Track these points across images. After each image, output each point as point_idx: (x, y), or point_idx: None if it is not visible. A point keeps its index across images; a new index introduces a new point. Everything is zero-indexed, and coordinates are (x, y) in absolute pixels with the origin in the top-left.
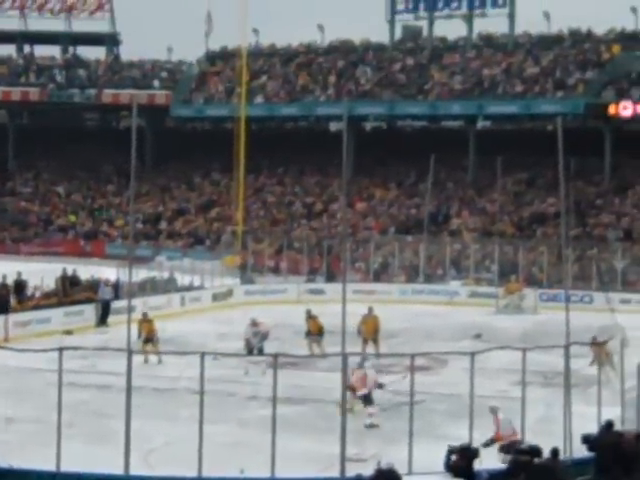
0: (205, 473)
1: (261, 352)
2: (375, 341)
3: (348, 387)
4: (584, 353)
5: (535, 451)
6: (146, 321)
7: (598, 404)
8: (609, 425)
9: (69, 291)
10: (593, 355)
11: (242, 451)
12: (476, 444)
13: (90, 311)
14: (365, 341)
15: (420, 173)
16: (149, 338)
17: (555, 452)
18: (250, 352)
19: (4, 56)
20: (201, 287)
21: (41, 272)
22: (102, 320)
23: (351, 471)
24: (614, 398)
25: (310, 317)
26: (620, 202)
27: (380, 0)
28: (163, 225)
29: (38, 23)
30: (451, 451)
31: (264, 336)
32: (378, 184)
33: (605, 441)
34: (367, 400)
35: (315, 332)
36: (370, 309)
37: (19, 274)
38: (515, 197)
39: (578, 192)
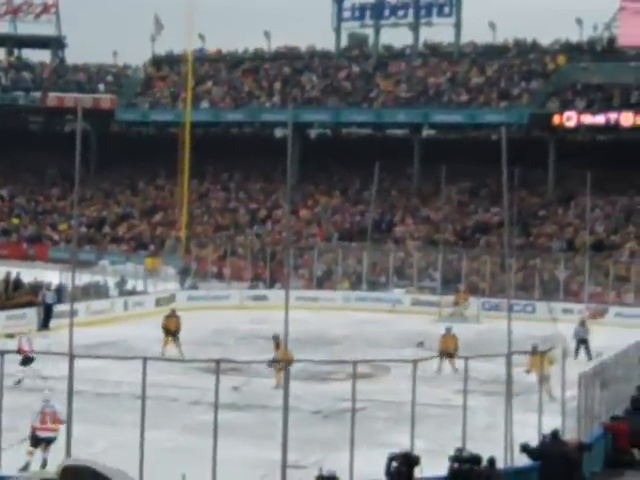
0: (146, 478)
1: None
2: (452, 357)
3: None
4: (526, 362)
5: (475, 459)
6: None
7: (539, 412)
8: (555, 434)
9: (11, 294)
10: (529, 363)
11: (184, 457)
12: (417, 452)
13: (32, 315)
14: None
15: (364, 181)
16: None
17: (492, 460)
18: None
19: None
20: (144, 292)
21: None
22: (44, 324)
23: (292, 478)
24: (555, 407)
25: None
26: (563, 212)
27: (326, 8)
28: (107, 229)
29: None
30: (392, 458)
31: None
32: (322, 191)
33: (551, 450)
34: None
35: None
36: (448, 329)
37: None
38: (459, 206)
39: (522, 202)
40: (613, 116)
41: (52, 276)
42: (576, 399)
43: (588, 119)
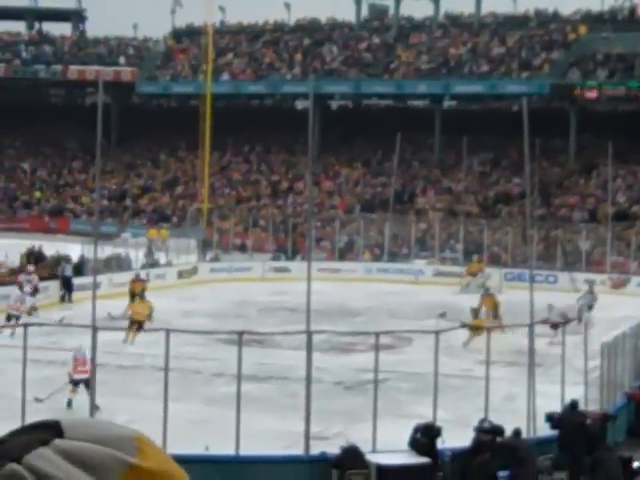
0: (170, 450)
1: None
2: (495, 316)
3: None
4: (548, 332)
5: (497, 430)
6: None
7: (562, 383)
8: (573, 405)
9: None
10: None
11: (207, 428)
12: (440, 422)
13: (55, 287)
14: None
15: (386, 152)
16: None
17: (517, 432)
18: None
19: None
20: (166, 264)
21: (6, 248)
22: (65, 297)
23: (315, 448)
24: (577, 377)
25: None
26: (585, 183)
27: None
28: (128, 202)
29: None
30: (417, 429)
31: None
32: (344, 163)
33: (569, 420)
34: None
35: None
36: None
37: None
38: (480, 177)
39: (543, 173)
40: (634, 86)
41: (74, 249)
42: (599, 369)
43: (609, 90)
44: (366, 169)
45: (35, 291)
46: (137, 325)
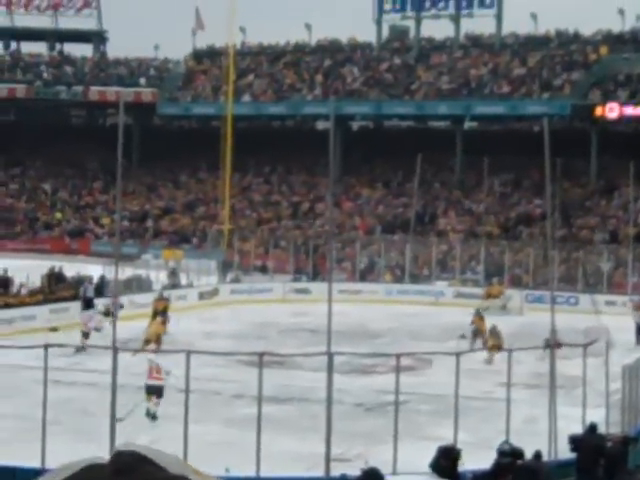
0: None
1: None
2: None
3: None
4: (569, 354)
5: (517, 453)
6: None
7: (583, 405)
8: (592, 427)
9: (54, 288)
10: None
11: (227, 450)
12: (461, 444)
13: (76, 308)
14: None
15: (407, 173)
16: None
17: (538, 454)
18: None
19: None
20: (187, 285)
21: (27, 269)
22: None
23: (336, 470)
24: (599, 400)
25: None
26: (606, 204)
27: (367, 0)
28: (149, 223)
29: (25, 20)
30: (439, 451)
31: None
32: (365, 183)
33: (588, 443)
34: None
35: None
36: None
37: (5, 271)
38: (501, 198)
39: (564, 193)
40: None
41: (95, 270)
42: (620, 392)
43: (630, 110)
44: (387, 190)
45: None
46: (145, 343)
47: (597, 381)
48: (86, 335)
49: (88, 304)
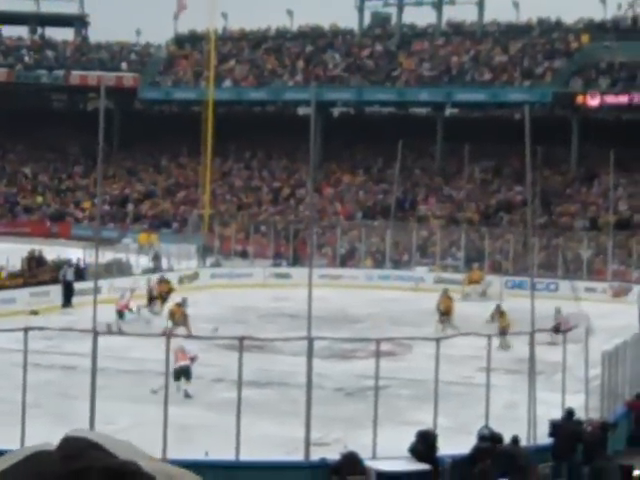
0: (170, 455)
1: None
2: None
3: None
4: (549, 340)
5: (497, 438)
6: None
7: (562, 391)
8: (569, 413)
9: (35, 272)
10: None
11: (207, 433)
12: (440, 429)
13: (56, 292)
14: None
15: (388, 159)
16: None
17: (515, 439)
18: None
19: None
20: (167, 269)
21: (7, 252)
22: (67, 301)
23: (315, 454)
24: (578, 386)
25: None
26: (586, 191)
27: None
28: (130, 207)
29: (6, 3)
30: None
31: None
32: (345, 170)
33: (565, 428)
34: None
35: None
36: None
37: None
38: (482, 185)
39: (545, 181)
40: (637, 95)
41: (75, 253)
42: (599, 378)
43: (611, 99)
44: (368, 176)
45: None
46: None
47: (577, 367)
48: (121, 315)
49: (68, 287)
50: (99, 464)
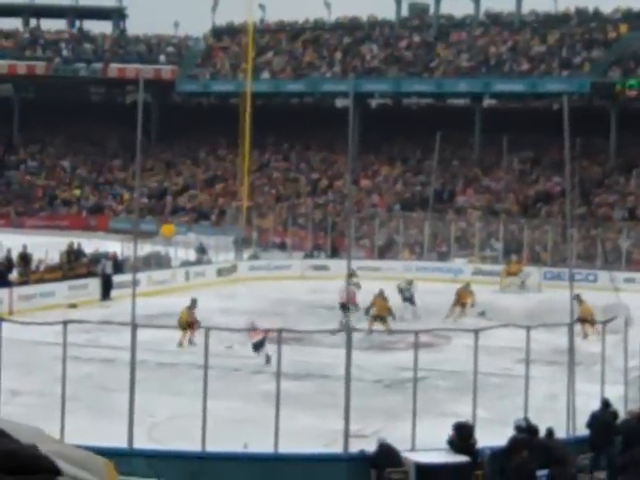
0: (209, 447)
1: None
2: (384, 320)
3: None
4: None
5: (533, 429)
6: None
7: (601, 382)
8: (605, 404)
9: (73, 265)
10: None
11: (246, 426)
12: (479, 421)
13: (94, 285)
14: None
15: (426, 151)
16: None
17: (550, 432)
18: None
19: (10, 30)
20: (206, 262)
21: (46, 245)
22: (105, 294)
23: (354, 447)
24: (617, 376)
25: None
26: (625, 181)
27: None
28: (168, 200)
29: None
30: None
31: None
32: (384, 161)
33: (599, 419)
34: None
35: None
36: (381, 291)
37: (24, 247)
38: (520, 176)
39: (583, 171)
40: None
41: (113, 246)
42: (639, 369)
43: None
44: (406, 167)
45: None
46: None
47: (616, 358)
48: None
49: (106, 281)
50: (1, 449)
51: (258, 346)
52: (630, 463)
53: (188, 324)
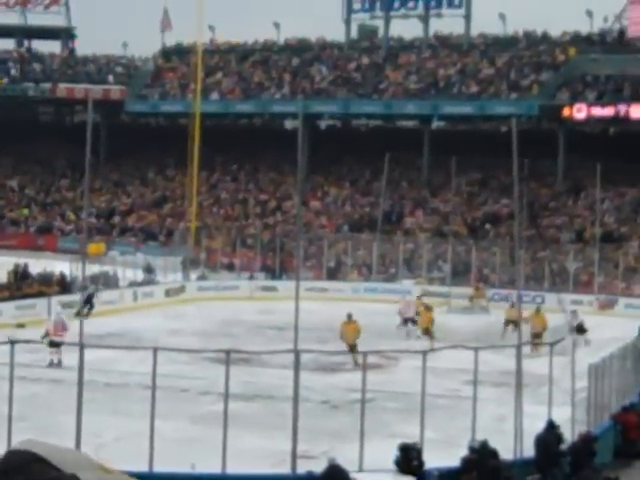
0: (156, 468)
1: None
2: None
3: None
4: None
5: (487, 451)
6: None
7: (549, 404)
8: (550, 425)
9: (21, 284)
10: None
11: (194, 446)
12: (427, 442)
13: (42, 305)
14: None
15: (374, 172)
16: None
17: (494, 453)
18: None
19: None
20: (154, 282)
21: None
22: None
23: (302, 467)
24: (565, 398)
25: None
26: (573, 204)
27: None
28: (116, 220)
29: None
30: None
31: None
32: (332, 182)
33: (544, 440)
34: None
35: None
36: (349, 315)
37: None
38: (469, 197)
39: (531, 193)
40: (623, 108)
41: (62, 266)
42: (586, 390)
43: (598, 111)
44: (354, 189)
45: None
46: None
47: (563, 380)
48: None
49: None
50: (37, 477)
51: (56, 345)
52: None
53: None
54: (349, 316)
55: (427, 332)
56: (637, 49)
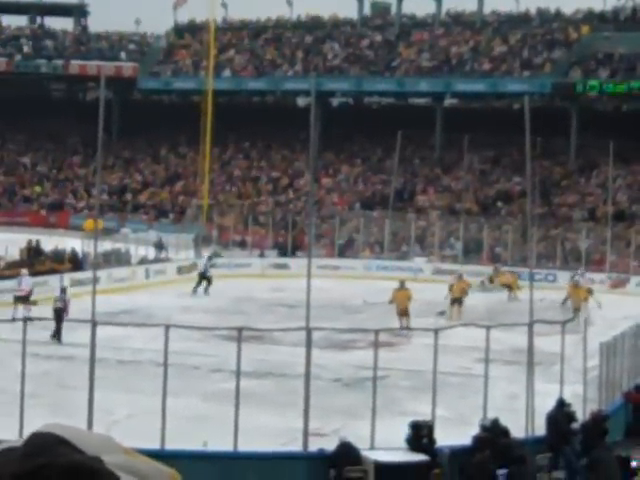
0: (168, 446)
1: None
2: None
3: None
4: (547, 331)
5: (498, 430)
6: None
7: (560, 382)
8: (560, 403)
9: (33, 261)
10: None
11: (205, 424)
12: (439, 420)
13: (54, 282)
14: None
15: (387, 150)
16: None
17: (506, 432)
18: None
19: None
20: (164, 258)
21: (6, 242)
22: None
23: (313, 445)
24: (576, 376)
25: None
26: (585, 182)
27: None
28: (128, 197)
29: None
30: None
31: None
32: (344, 160)
33: (554, 418)
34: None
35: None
36: (402, 282)
37: None
38: (481, 175)
39: (544, 171)
40: (636, 86)
41: (74, 243)
42: (597, 368)
43: (610, 88)
44: (366, 166)
45: None
46: None
47: (575, 358)
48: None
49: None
50: (60, 461)
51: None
52: (594, 463)
53: None
54: (402, 282)
55: (456, 301)
56: None
